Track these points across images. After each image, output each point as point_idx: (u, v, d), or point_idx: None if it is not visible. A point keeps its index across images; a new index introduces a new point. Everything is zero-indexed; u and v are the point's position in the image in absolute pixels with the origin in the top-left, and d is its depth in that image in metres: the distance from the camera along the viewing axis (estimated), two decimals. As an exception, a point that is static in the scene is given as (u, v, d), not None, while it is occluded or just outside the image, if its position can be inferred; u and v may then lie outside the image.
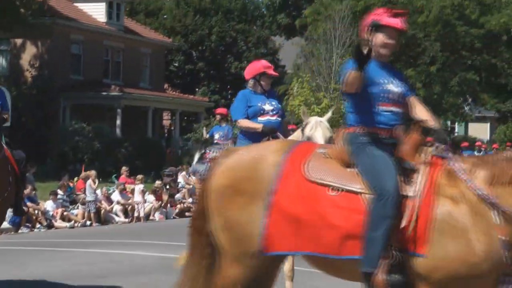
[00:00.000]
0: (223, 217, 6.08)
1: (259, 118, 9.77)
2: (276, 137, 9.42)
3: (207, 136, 20.58)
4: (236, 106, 9.94)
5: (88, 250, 15.81)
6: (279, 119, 9.90)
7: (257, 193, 5.96)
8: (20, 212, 11.39)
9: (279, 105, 10.01)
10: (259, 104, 9.80)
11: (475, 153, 31.24)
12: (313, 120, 9.32)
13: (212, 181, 6.21)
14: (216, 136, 19.00)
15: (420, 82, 46.70)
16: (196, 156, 18.75)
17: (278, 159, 6.04)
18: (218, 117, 20.10)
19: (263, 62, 10.30)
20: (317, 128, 9.11)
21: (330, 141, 8.74)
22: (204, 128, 21.32)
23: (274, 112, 9.81)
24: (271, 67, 10.12)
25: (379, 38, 6.40)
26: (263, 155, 6.12)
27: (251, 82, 10.01)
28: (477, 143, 34.67)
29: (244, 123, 9.78)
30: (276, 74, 10.43)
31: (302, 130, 9.36)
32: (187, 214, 23.16)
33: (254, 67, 10.11)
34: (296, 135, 9.60)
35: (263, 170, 6.02)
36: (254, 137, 9.56)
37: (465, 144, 34.20)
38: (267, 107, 9.79)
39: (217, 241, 6.18)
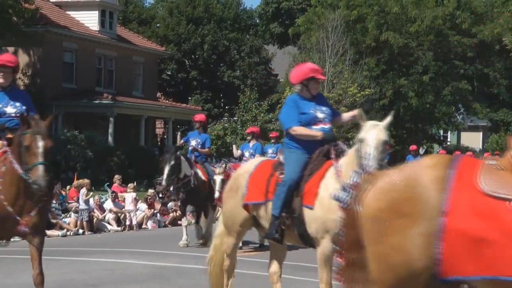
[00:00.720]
0: (380, 243, 5.57)
1: (313, 127, 9.22)
2: (336, 146, 9.08)
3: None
4: (287, 113, 9.31)
5: (80, 258, 15.74)
6: (330, 125, 9.42)
7: (420, 213, 5.43)
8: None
9: (329, 111, 9.42)
10: (311, 112, 9.24)
11: None
12: (369, 123, 8.84)
13: (364, 207, 5.71)
14: (193, 143, 18.64)
15: (412, 91, 46.81)
16: (167, 169, 17.15)
17: (441, 175, 5.51)
18: (197, 124, 19.34)
19: (310, 66, 9.69)
20: (371, 130, 8.65)
21: (383, 145, 8.54)
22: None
23: (327, 120, 9.30)
24: (319, 70, 9.50)
25: None
26: (418, 172, 5.57)
27: (298, 87, 9.38)
28: (467, 153, 34.64)
29: (301, 130, 9.13)
30: (324, 77, 9.98)
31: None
32: (179, 222, 23.10)
33: (301, 72, 9.44)
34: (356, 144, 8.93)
35: (423, 188, 5.48)
36: (310, 145, 9.11)
37: (457, 153, 34.25)
38: (319, 114, 9.26)
39: (372, 270, 5.65)
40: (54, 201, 22.43)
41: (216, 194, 16.96)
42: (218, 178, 17.30)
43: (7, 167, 8.89)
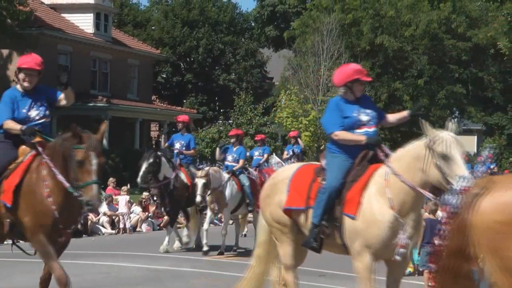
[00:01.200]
0: (503, 258, 5.40)
1: (356, 131, 8.84)
2: (382, 150, 8.68)
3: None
4: (330, 117, 8.95)
5: (74, 261, 15.65)
6: (376, 129, 8.98)
7: None
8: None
9: (374, 113, 9.01)
10: (354, 115, 8.86)
11: None
12: (443, 135, 8.30)
13: (478, 217, 5.54)
14: (177, 145, 18.15)
15: (407, 94, 46.86)
16: (144, 166, 17.05)
17: None
18: (180, 125, 18.67)
19: (354, 67, 9.20)
20: (453, 146, 8.17)
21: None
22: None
23: (371, 123, 8.89)
24: (364, 71, 9.09)
25: None
26: None
27: (342, 90, 8.97)
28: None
29: (344, 135, 8.77)
30: (370, 79, 9.44)
31: (427, 146, 8.29)
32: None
33: (345, 73, 9.00)
34: (412, 151, 8.45)
35: None
36: (353, 150, 8.75)
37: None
38: (363, 117, 8.86)
39: (495, 283, 5.55)
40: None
41: (198, 199, 16.53)
42: (199, 182, 16.62)
43: (48, 173, 8.60)
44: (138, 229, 23.51)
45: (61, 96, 9.51)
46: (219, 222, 21.51)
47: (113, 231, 22.79)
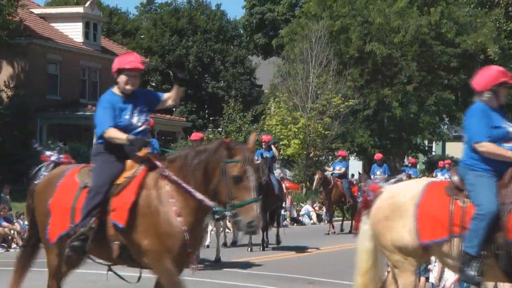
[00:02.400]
0: None
1: (504, 145, 7.76)
2: None
3: None
4: (477, 125, 7.84)
5: (62, 270, 15.70)
6: None
7: None
8: None
9: None
10: (504, 126, 7.77)
11: (445, 172, 30.81)
12: None
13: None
14: None
15: (396, 101, 46.97)
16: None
17: None
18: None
19: (498, 68, 8.10)
20: None
21: None
22: None
23: None
24: (509, 74, 8.00)
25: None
26: None
27: (486, 95, 7.90)
28: (440, 163, 34.24)
29: (491, 147, 7.72)
30: None
31: None
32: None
33: (491, 76, 7.93)
34: None
35: None
36: (499, 165, 7.76)
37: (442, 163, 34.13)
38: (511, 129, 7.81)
39: None
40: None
41: None
42: None
43: (174, 189, 7.65)
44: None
45: (166, 96, 8.42)
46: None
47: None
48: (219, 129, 47.13)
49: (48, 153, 8.96)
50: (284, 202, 21.39)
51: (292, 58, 44.01)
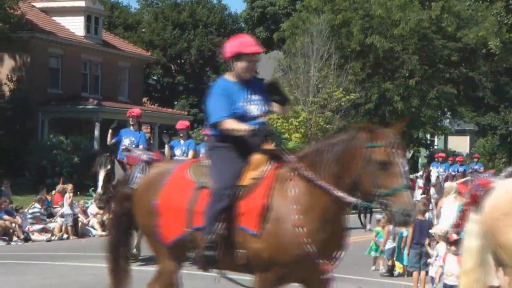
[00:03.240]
0: None
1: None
2: None
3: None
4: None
5: (62, 263, 15.79)
6: None
7: None
8: None
9: None
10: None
11: (439, 166, 30.79)
12: None
13: None
14: (126, 142, 16.17)
15: (398, 95, 46.96)
16: (102, 174, 14.99)
17: None
18: (131, 120, 16.67)
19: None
20: None
21: None
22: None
23: None
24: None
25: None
26: None
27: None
28: (436, 155, 34.18)
29: None
30: None
31: None
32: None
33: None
34: None
35: None
36: None
37: (459, 158, 34.04)
38: None
39: None
40: (39, 206, 22.55)
41: None
42: None
43: (303, 191, 6.81)
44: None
45: (274, 104, 7.51)
46: None
47: (104, 233, 22.83)
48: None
49: (137, 153, 8.36)
50: None
51: (293, 52, 43.97)
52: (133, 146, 15.93)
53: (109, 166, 14.83)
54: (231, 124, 7.06)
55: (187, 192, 7.21)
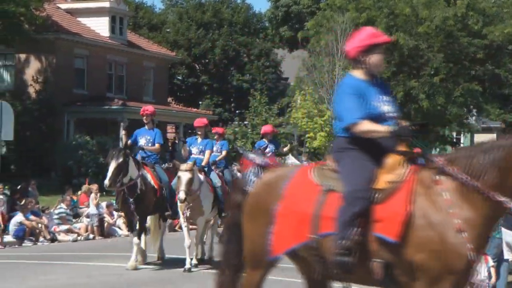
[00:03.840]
0: None
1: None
2: None
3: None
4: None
5: (88, 263, 15.88)
6: None
7: None
8: None
9: None
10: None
11: None
12: None
13: None
14: (142, 142, 15.59)
15: (423, 93, 46.75)
16: (112, 166, 14.29)
17: None
18: (146, 118, 16.00)
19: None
20: None
21: None
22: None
23: None
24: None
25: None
26: None
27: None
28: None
29: None
30: None
31: None
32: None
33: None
34: None
35: None
36: None
37: None
38: None
39: None
40: (65, 207, 22.71)
41: (181, 195, 13.95)
42: (184, 176, 14.04)
43: (457, 196, 6.37)
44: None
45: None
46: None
47: (129, 233, 22.90)
48: (245, 122, 47.22)
49: (251, 156, 7.67)
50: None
51: (317, 50, 43.92)
52: (149, 145, 15.57)
53: (121, 159, 14.25)
54: (368, 126, 6.62)
55: (312, 196, 6.72)
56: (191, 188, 14.15)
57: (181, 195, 13.89)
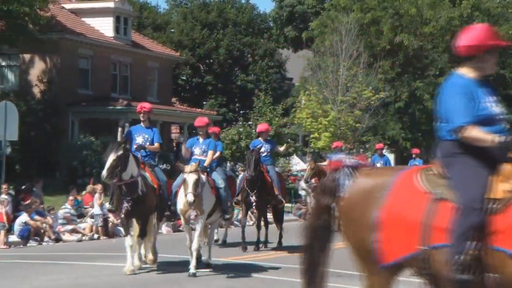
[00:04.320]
0: None
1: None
2: None
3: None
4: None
5: (93, 263, 15.86)
6: None
7: None
8: None
9: None
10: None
11: None
12: None
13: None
14: (139, 140, 15.03)
15: (428, 93, 46.69)
16: (111, 158, 13.78)
17: None
18: (142, 116, 15.38)
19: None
20: None
21: None
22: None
23: None
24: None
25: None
26: None
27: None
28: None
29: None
30: None
31: None
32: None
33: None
34: None
35: None
36: None
37: None
38: None
39: None
40: (70, 207, 22.70)
41: (190, 197, 13.59)
42: (190, 178, 13.72)
43: None
44: (158, 230, 23.62)
45: None
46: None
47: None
48: (250, 123, 47.16)
49: (339, 156, 7.07)
50: (281, 199, 18.49)
51: (322, 51, 43.88)
52: (147, 143, 15.00)
53: (121, 152, 13.73)
54: (475, 133, 6.19)
55: (420, 204, 6.25)
56: (198, 189, 13.88)
57: (190, 197, 13.59)
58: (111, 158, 13.69)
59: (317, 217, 6.98)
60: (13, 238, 20.16)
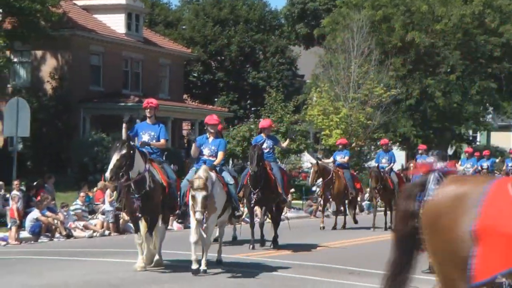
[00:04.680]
0: None
1: None
2: None
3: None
4: None
5: (104, 259, 15.91)
6: None
7: None
8: None
9: None
10: None
11: (467, 161, 30.46)
12: None
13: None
14: (145, 137, 14.63)
15: (439, 91, 46.62)
16: (115, 158, 13.37)
17: None
18: (148, 112, 14.92)
19: None
20: None
21: None
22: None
23: None
24: None
25: None
26: None
27: None
28: (466, 150, 33.71)
29: None
30: None
31: None
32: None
33: None
34: None
35: None
36: None
37: (486, 152, 33.76)
38: None
39: None
40: (81, 203, 22.77)
41: (198, 216, 13.33)
42: (199, 195, 13.41)
43: None
44: (169, 227, 23.66)
45: None
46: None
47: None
48: (261, 119, 47.14)
49: (429, 160, 6.90)
50: (285, 198, 18.24)
51: (333, 48, 43.88)
52: (154, 140, 14.53)
53: (124, 151, 13.33)
54: None
55: None
56: (207, 203, 13.51)
57: (198, 216, 13.31)
58: (114, 158, 13.35)
59: (405, 223, 6.55)
60: (24, 234, 20.22)
